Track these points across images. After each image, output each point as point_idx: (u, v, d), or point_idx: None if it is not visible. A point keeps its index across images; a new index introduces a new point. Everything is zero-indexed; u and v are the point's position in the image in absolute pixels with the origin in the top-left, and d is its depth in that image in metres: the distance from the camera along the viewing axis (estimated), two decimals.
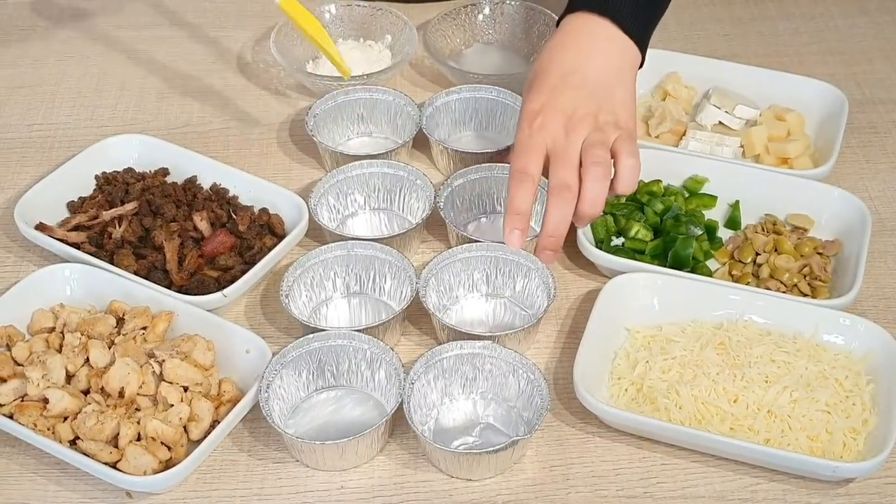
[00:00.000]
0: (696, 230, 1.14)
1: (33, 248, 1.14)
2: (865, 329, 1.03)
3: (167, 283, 1.07)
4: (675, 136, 1.26)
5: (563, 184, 0.99)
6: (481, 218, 1.19)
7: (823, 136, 1.25)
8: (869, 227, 1.12)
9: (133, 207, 1.14)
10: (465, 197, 1.17)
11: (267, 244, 1.11)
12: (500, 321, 1.09)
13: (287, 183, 1.21)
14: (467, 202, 1.18)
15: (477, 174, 1.17)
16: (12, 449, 0.98)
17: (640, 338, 1.05)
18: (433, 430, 1.00)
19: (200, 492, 0.95)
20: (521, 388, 1.00)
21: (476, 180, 1.17)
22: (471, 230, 1.17)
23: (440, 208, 1.13)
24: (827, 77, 1.32)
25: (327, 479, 0.96)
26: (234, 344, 1.02)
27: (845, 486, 0.96)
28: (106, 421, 0.94)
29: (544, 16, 1.36)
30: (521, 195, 0.98)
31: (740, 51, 1.41)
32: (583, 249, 1.11)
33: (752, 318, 1.05)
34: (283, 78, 1.37)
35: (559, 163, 1.00)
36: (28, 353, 1.01)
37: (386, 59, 1.35)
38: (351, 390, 1.03)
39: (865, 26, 1.47)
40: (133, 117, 1.31)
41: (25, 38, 1.43)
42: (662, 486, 0.96)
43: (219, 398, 0.99)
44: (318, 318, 1.09)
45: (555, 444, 0.99)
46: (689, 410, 0.98)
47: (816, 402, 0.98)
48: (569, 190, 0.98)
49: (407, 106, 1.25)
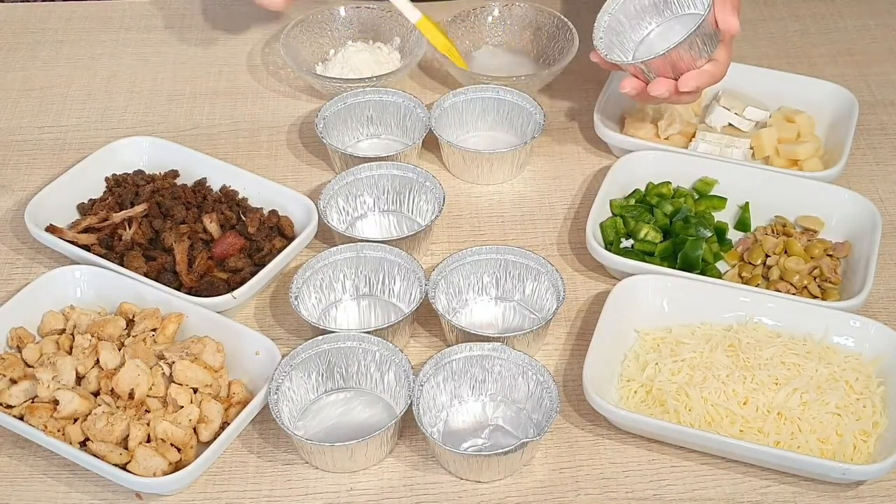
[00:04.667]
0: (706, 232, 1.13)
1: (44, 250, 1.14)
2: (876, 331, 1.02)
3: (177, 285, 1.08)
4: (684, 138, 1.26)
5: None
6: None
7: (833, 138, 1.25)
8: (879, 228, 1.12)
9: (143, 209, 1.14)
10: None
11: (276, 246, 1.11)
12: (510, 325, 1.09)
13: (296, 185, 1.21)
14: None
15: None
16: (23, 450, 0.98)
17: (650, 340, 1.05)
18: (442, 432, 1.00)
19: (210, 493, 0.95)
20: (531, 390, 1.00)
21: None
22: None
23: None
24: (837, 78, 1.32)
25: (336, 481, 0.96)
26: (243, 346, 1.02)
27: (855, 489, 0.96)
28: (116, 422, 0.94)
29: (553, 18, 1.36)
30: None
31: (750, 52, 1.41)
32: (592, 251, 1.11)
33: (761, 320, 1.05)
34: (293, 80, 1.37)
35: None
36: (38, 355, 1.01)
37: (395, 60, 1.36)
38: (360, 392, 1.03)
39: (875, 28, 1.46)
40: (143, 119, 1.32)
41: (36, 41, 1.43)
42: (672, 488, 0.96)
43: (228, 400, 0.99)
44: (328, 320, 1.09)
45: (564, 446, 0.99)
46: (699, 412, 0.98)
47: (827, 404, 0.98)
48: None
49: (416, 107, 1.25)
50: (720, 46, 1.15)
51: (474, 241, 1.17)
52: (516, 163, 1.22)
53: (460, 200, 1.22)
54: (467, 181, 1.24)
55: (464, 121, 1.27)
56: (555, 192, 1.23)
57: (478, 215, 1.20)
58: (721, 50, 1.15)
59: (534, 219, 1.20)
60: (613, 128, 1.25)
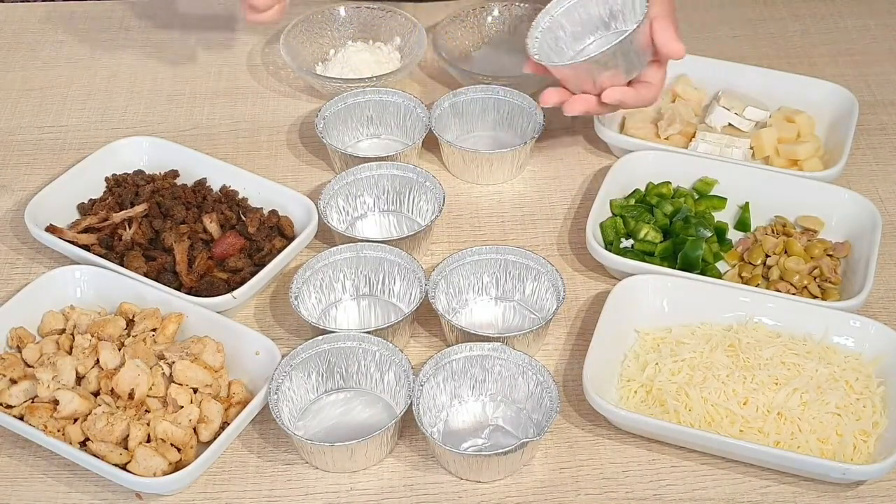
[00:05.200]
0: (706, 232, 1.13)
1: (44, 250, 1.14)
2: (876, 331, 1.02)
3: (177, 285, 1.08)
4: (684, 137, 1.26)
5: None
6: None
7: (833, 138, 1.25)
8: (879, 228, 1.12)
9: (143, 209, 1.14)
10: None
11: (276, 246, 1.11)
12: (510, 325, 1.09)
13: (296, 185, 1.21)
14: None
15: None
16: (23, 450, 0.98)
17: (650, 340, 1.05)
18: (442, 432, 1.00)
19: (210, 493, 0.95)
20: (531, 390, 1.00)
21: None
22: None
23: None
24: (837, 78, 1.31)
25: (336, 481, 0.96)
26: (243, 346, 1.02)
27: (855, 489, 0.96)
28: (116, 422, 0.94)
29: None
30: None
31: (750, 52, 1.41)
32: (592, 251, 1.11)
33: (761, 320, 1.05)
34: (293, 80, 1.37)
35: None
36: (38, 355, 1.01)
37: (395, 60, 1.36)
38: (360, 392, 1.03)
39: (875, 28, 1.46)
40: (143, 119, 1.32)
41: (36, 41, 1.43)
42: (672, 488, 0.96)
43: (228, 400, 0.99)
44: (328, 320, 1.09)
45: (564, 447, 0.99)
46: (699, 412, 0.98)
47: (827, 404, 0.98)
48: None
49: (416, 108, 1.25)
50: (654, 68, 1.13)
51: (474, 241, 1.17)
52: (516, 163, 1.22)
53: (460, 200, 1.22)
54: (467, 181, 1.24)
55: (464, 121, 1.27)
56: (555, 192, 1.23)
57: (478, 215, 1.20)
58: (655, 72, 1.13)
59: (534, 219, 1.20)
60: (613, 128, 1.25)
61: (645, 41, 1.10)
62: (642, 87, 1.13)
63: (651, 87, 1.13)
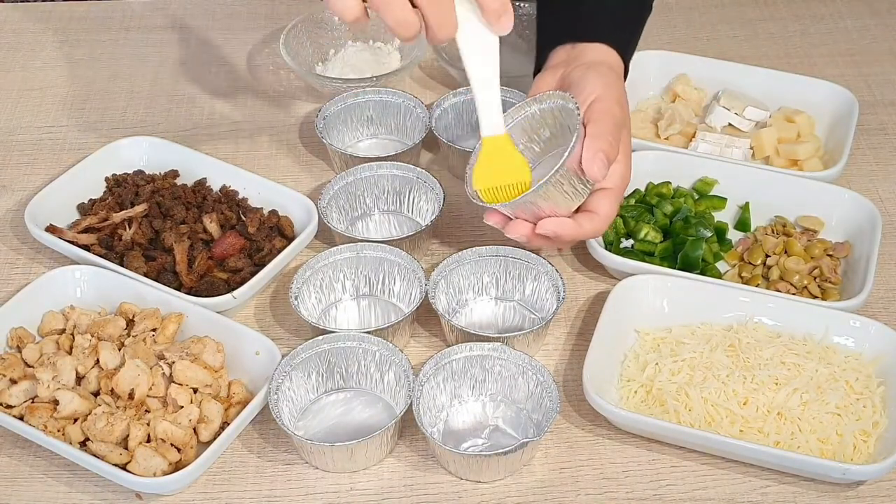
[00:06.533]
0: (706, 232, 1.13)
1: (44, 250, 1.14)
2: (876, 331, 1.02)
3: (177, 285, 1.08)
4: (684, 137, 1.26)
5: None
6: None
7: (833, 138, 1.25)
8: (879, 228, 1.12)
9: (143, 209, 1.14)
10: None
11: (276, 246, 1.11)
12: (510, 325, 1.09)
13: (296, 185, 1.21)
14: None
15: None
16: (22, 450, 0.98)
17: (650, 340, 1.05)
18: (442, 432, 1.00)
19: (210, 493, 0.95)
20: (531, 391, 1.00)
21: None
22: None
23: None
24: (837, 78, 1.32)
25: (336, 481, 0.96)
26: (243, 346, 1.02)
27: (856, 489, 0.96)
28: (116, 423, 0.94)
29: None
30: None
31: (750, 52, 1.41)
32: (592, 252, 1.11)
33: (761, 320, 1.05)
34: (293, 80, 1.37)
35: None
36: (38, 355, 1.01)
37: (395, 60, 1.36)
38: (360, 392, 1.03)
39: (876, 28, 1.46)
40: (143, 119, 1.32)
41: (36, 41, 1.43)
42: (672, 488, 0.96)
43: (228, 400, 0.99)
44: (328, 320, 1.09)
45: (564, 447, 0.99)
46: (699, 413, 0.98)
47: (827, 404, 0.98)
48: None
49: (416, 108, 1.25)
50: (601, 196, 0.99)
51: (474, 241, 1.16)
52: None
53: (460, 200, 1.22)
54: None
55: (464, 121, 1.27)
56: None
57: (478, 215, 1.20)
58: (603, 201, 0.99)
59: None
60: None
61: (579, 168, 0.96)
62: (585, 219, 0.99)
63: (595, 219, 0.99)
